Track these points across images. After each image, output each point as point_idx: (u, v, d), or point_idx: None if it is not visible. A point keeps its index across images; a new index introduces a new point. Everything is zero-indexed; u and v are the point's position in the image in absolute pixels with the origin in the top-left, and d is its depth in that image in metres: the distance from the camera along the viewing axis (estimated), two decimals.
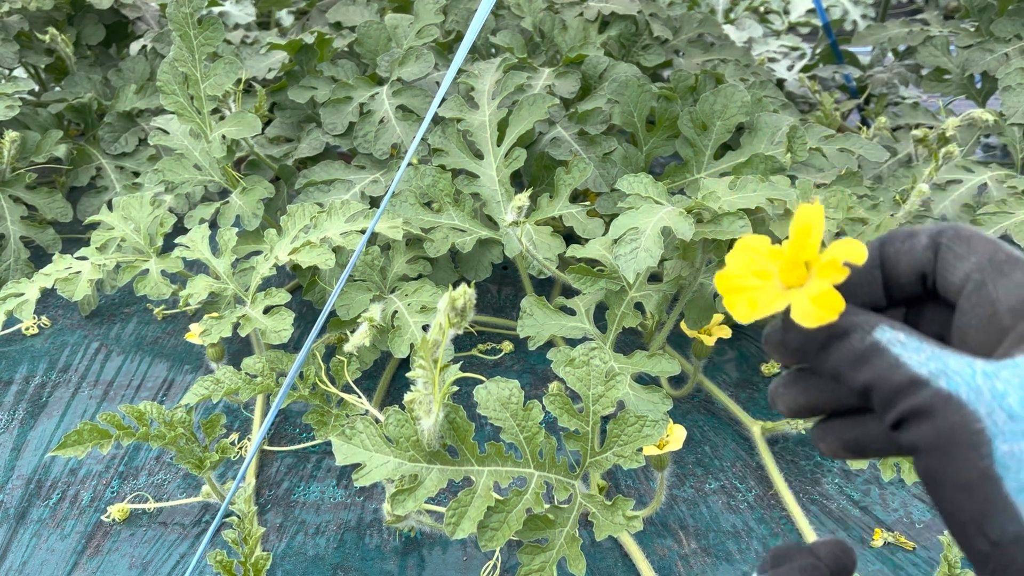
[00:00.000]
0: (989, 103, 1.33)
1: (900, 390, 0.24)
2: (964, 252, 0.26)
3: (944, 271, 0.27)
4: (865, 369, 0.25)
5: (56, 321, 1.17)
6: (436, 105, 0.69)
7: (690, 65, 1.28)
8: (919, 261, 0.27)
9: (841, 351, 0.25)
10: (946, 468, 0.22)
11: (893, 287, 0.28)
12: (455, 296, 0.57)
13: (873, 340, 0.25)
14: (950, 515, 0.23)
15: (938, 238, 0.27)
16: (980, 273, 0.26)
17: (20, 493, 0.89)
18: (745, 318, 0.27)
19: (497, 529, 0.61)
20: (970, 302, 0.26)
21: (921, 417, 0.23)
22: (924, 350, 0.24)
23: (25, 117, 1.29)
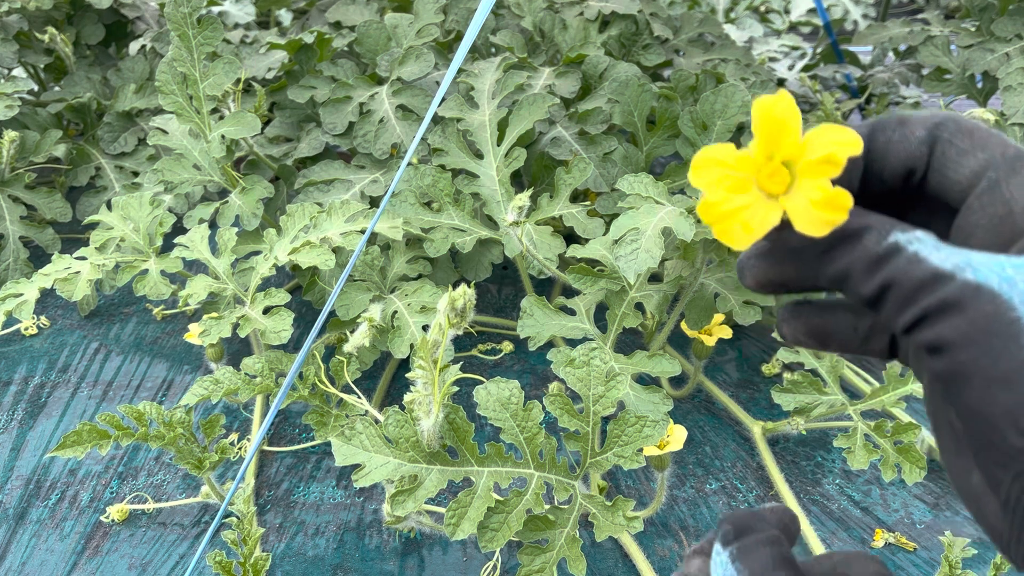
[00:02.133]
0: (990, 103, 1.33)
1: (923, 285, 0.22)
2: (968, 147, 0.24)
3: (944, 167, 0.25)
4: (881, 270, 0.23)
5: (55, 321, 1.16)
6: (436, 105, 0.69)
7: (690, 65, 1.28)
8: (911, 155, 0.25)
9: (853, 254, 0.23)
10: (979, 361, 0.21)
11: (874, 180, 0.26)
12: (455, 296, 0.56)
13: (891, 241, 0.23)
14: (977, 414, 0.21)
15: (936, 131, 0.25)
16: (994, 170, 0.24)
17: (19, 493, 0.88)
18: (743, 243, 0.24)
19: (497, 530, 0.61)
20: (980, 201, 0.24)
21: (949, 310, 0.21)
22: (943, 247, 0.22)
23: (24, 117, 1.29)
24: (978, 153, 0.24)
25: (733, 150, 0.25)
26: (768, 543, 0.25)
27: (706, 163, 0.25)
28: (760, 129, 0.25)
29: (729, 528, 0.26)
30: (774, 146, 0.24)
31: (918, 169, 0.25)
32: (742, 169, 0.25)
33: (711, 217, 0.25)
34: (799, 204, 0.23)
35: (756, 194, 0.25)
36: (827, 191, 0.23)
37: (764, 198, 0.24)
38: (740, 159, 0.25)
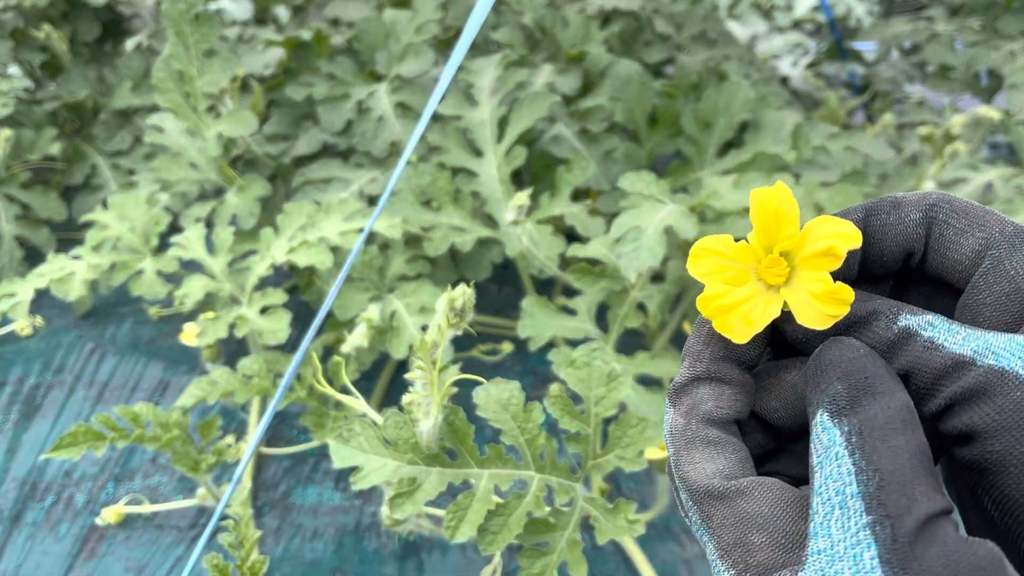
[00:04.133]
0: (995, 100, 1.32)
1: (944, 374, 0.21)
2: (965, 226, 0.24)
3: (943, 248, 0.24)
4: (897, 358, 0.22)
5: (50, 321, 1.15)
6: (435, 102, 0.68)
7: (693, 62, 1.27)
8: (909, 237, 0.25)
9: (864, 341, 0.23)
10: (1013, 450, 0.20)
11: (873, 263, 0.25)
12: (454, 296, 0.55)
13: (901, 326, 0.22)
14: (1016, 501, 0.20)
15: (932, 212, 0.24)
16: (996, 249, 0.23)
17: (14, 495, 0.88)
18: (744, 336, 0.24)
19: (497, 533, 0.60)
20: (986, 280, 0.24)
21: (975, 399, 0.21)
22: (958, 331, 0.22)
23: (19, 115, 1.28)
24: (976, 232, 0.24)
25: (731, 241, 0.25)
26: (903, 424, 0.20)
27: (704, 253, 0.25)
28: (758, 220, 0.24)
29: (840, 389, 0.21)
30: (772, 237, 0.24)
31: (916, 251, 0.25)
32: (741, 260, 0.25)
33: (711, 310, 0.24)
34: (800, 297, 0.23)
35: (756, 286, 0.24)
36: (828, 284, 0.23)
37: (764, 289, 0.24)
38: (739, 249, 0.25)
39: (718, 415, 0.24)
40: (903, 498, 0.19)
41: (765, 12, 1.88)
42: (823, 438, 0.21)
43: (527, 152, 0.98)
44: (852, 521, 0.19)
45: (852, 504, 0.19)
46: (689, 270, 0.25)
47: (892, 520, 0.19)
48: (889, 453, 0.20)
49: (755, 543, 0.21)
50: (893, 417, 0.20)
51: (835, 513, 0.20)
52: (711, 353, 0.25)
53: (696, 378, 0.25)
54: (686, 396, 0.25)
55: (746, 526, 0.22)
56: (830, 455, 0.21)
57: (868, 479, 0.19)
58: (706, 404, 0.24)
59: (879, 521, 0.19)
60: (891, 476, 0.19)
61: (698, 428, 0.24)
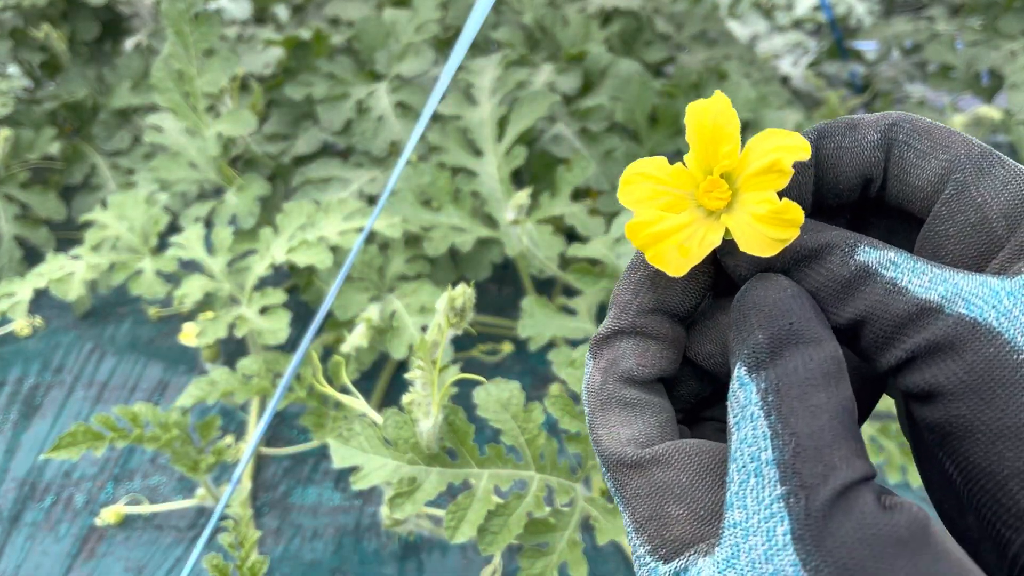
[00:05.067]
0: (996, 100, 1.32)
1: (906, 321, 0.19)
2: (927, 148, 0.21)
3: (903, 173, 0.22)
4: (853, 300, 0.19)
5: (49, 321, 1.15)
6: (435, 102, 0.68)
7: (693, 61, 1.27)
8: (866, 161, 0.22)
9: (815, 279, 0.20)
10: (982, 414, 0.18)
11: (827, 193, 0.23)
12: (454, 296, 0.55)
13: (859, 262, 0.20)
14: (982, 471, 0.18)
15: (891, 133, 0.22)
16: (960, 172, 0.21)
17: (13, 496, 0.87)
18: (680, 268, 0.21)
19: (497, 533, 0.60)
20: (949, 208, 0.21)
21: (941, 353, 0.18)
22: (925, 271, 0.19)
23: (18, 114, 1.28)
24: (940, 154, 0.21)
25: (666, 163, 0.22)
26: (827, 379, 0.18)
27: (636, 179, 0.22)
28: (695, 138, 0.22)
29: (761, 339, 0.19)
30: (712, 157, 0.21)
31: (875, 177, 0.22)
32: (677, 184, 0.22)
33: (641, 240, 0.21)
34: (743, 221, 0.20)
35: (694, 213, 0.21)
36: (774, 204, 0.20)
37: (703, 217, 0.21)
38: (674, 173, 0.22)
39: (639, 374, 0.22)
40: (820, 465, 0.17)
41: (766, 11, 1.87)
42: (739, 395, 0.19)
43: (527, 152, 0.98)
44: (766, 491, 0.17)
45: (767, 472, 0.18)
46: (619, 199, 0.22)
47: (807, 491, 0.17)
48: (807, 414, 0.18)
49: (672, 516, 0.20)
50: (815, 371, 0.18)
51: (750, 482, 0.18)
52: (639, 303, 0.22)
53: (620, 331, 0.22)
54: (607, 349, 0.22)
55: (662, 497, 0.20)
56: (746, 415, 0.18)
57: (784, 444, 0.17)
58: (627, 361, 0.22)
59: (793, 492, 0.17)
60: (808, 440, 0.17)
61: (615, 388, 0.22)
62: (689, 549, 0.19)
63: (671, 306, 0.22)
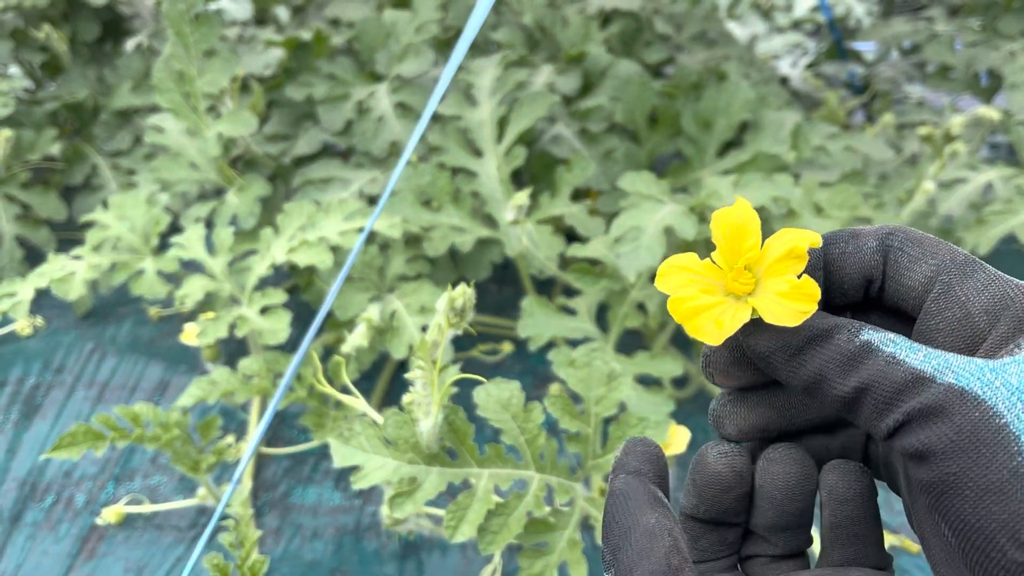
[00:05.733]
0: (995, 101, 1.32)
1: (903, 388, 0.21)
2: (919, 254, 0.25)
3: (898, 275, 0.25)
4: (857, 371, 0.22)
5: (50, 321, 1.15)
6: (435, 102, 0.68)
7: (693, 62, 1.27)
8: (867, 264, 0.25)
9: (825, 354, 0.23)
10: (970, 472, 0.20)
11: (835, 292, 0.26)
12: (454, 296, 0.56)
13: (863, 340, 0.23)
14: (971, 527, 0.20)
15: (887, 240, 0.25)
16: (946, 274, 0.24)
17: (14, 496, 0.88)
18: (717, 339, 0.24)
19: (497, 532, 0.60)
20: (937, 305, 0.24)
21: (933, 417, 0.21)
22: (919, 349, 0.22)
23: (20, 115, 1.28)
24: (929, 259, 0.25)
25: (697, 259, 0.26)
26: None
27: (671, 270, 0.26)
28: (722, 237, 0.25)
29: (606, 551, 0.25)
30: (736, 252, 0.25)
31: (875, 278, 0.26)
32: (708, 275, 0.25)
33: (681, 314, 0.24)
34: (767, 299, 0.24)
35: (723, 298, 0.25)
36: (793, 282, 0.23)
37: (732, 301, 0.25)
38: (706, 266, 0.26)
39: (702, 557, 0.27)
40: None
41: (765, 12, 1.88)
42: None
43: (527, 152, 0.98)
44: None
45: None
46: (657, 286, 0.26)
47: None
48: None
49: None
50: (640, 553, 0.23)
51: None
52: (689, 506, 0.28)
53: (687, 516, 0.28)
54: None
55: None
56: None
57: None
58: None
59: None
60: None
61: None
62: None
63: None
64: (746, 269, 0.25)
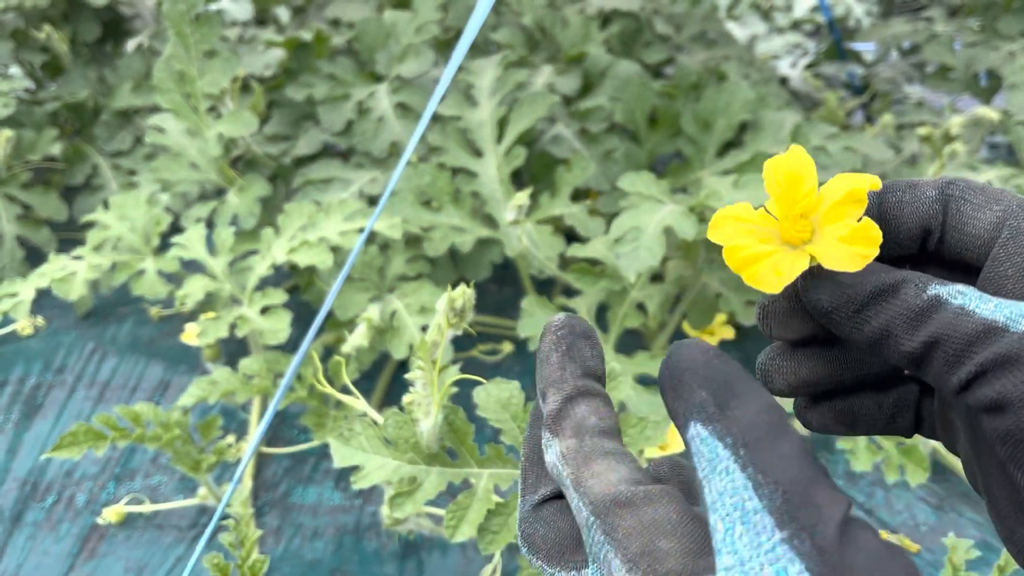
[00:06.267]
0: (994, 101, 1.32)
1: (975, 340, 0.21)
2: (982, 201, 0.24)
3: (961, 224, 0.24)
4: (926, 325, 0.21)
5: (51, 321, 1.16)
6: (435, 102, 0.68)
7: (692, 62, 1.27)
8: (926, 214, 0.24)
9: (892, 309, 0.22)
10: None
11: (891, 244, 0.25)
12: (454, 296, 0.56)
13: (932, 293, 0.22)
14: None
15: (948, 189, 0.24)
16: (1015, 219, 0.23)
17: (15, 495, 0.88)
18: (776, 287, 0.23)
19: (497, 532, 0.60)
20: (1007, 251, 0.23)
21: (1008, 366, 0.20)
22: (989, 299, 0.21)
23: (20, 115, 1.28)
24: (993, 206, 0.24)
25: (751, 208, 0.25)
26: (781, 427, 0.20)
27: (724, 221, 0.24)
28: (776, 185, 0.24)
29: (706, 396, 0.20)
30: (792, 200, 0.24)
31: (934, 229, 0.25)
32: (763, 224, 0.24)
33: (738, 262, 0.23)
34: (827, 244, 0.23)
35: (780, 247, 0.24)
36: (854, 225, 0.22)
37: (788, 250, 0.24)
38: (760, 215, 0.24)
39: (606, 426, 0.24)
40: (811, 507, 0.18)
41: (764, 13, 1.88)
42: (703, 451, 0.20)
43: (527, 152, 0.98)
44: (763, 537, 0.18)
45: (758, 520, 0.18)
46: (710, 236, 0.24)
47: (809, 531, 0.18)
48: (781, 463, 0.19)
49: (664, 550, 0.20)
50: (769, 420, 0.20)
51: (738, 529, 0.19)
52: (571, 373, 0.24)
53: (568, 398, 0.24)
54: (566, 420, 0.24)
55: (654, 533, 0.21)
56: (717, 469, 0.20)
57: (771, 493, 0.19)
58: (590, 420, 0.24)
59: (795, 535, 0.18)
60: (792, 486, 0.18)
61: (593, 443, 0.23)
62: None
63: (593, 369, 0.25)
64: (802, 217, 0.24)
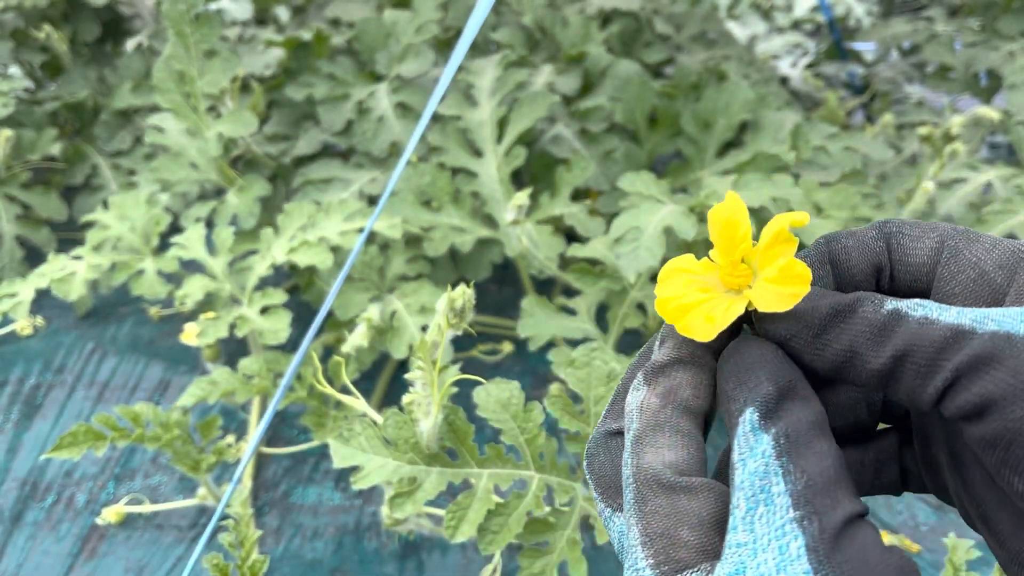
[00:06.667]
0: (994, 101, 1.32)
1: (944, 346, 0.20)
2: (919, 232, 0.25)
3: (903, 255, 0.25)
4: (891, 339, 0.21)
5: (51, 321, 1.16)
6: (435, 102, 0.68)
7: (692, 62, 1.27)
8: (872, 252, 0.25)
9: (852, 328, 0.22)
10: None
11: (848, 287, 0.26)
12: (454, 296, 0.56)
13: (890, 308, 0.21)
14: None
15: (885, 228, 0.26)
16: (951, 240, 0.24)
17: (15, 495, 0.88)
18: (708, 335, 0.23)
19: (497, 532, 0.60)
20: (949, 270, 0.24)
21: (984, 366, 0.20)
22: (948, 308, 0.21)
23: (20, 115, 1.28)
24: (930, 233, 0.25)
25: (695, 259, 0.26)
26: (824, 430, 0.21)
27: (671, 274, 0.25)
28: (716, 233, 0.25)
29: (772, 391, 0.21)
30: (731, 247, 0.25)
31: (883, 265, 0.25)
32: (706, 273, 0.25)
33: (670, 313, 0.24)
34: (760, 287, 0.23)
35: (720, 293, 0.25)
36: (782, 265, 0.23)
37: (729, 295, 0.24)
38: (704, 265, 0.25)
39: (695, 405, 0.24)
40: (828, 498, 0.19)
41: (765, 12, 1.88)
42: (750, 437, 0.21)
43: (527, 152, 0.98)
44: (778, 516, 0.20)
45: (778, 501, 0.20)
46: (657, 294, 0.25)
47: (819, 515, 0.19)
48: (814, 457, 0.20)
49: (683, 539, 0.21)
50: (815, 423, 0.21)
51: (759, 509, 0.20)
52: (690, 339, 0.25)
53: (678, 360, 0.24)
54: (663, 378, 0.24)
55: (680, 521, 0.22)
56: (756, 453, 0.21)
57: (796, 479, 0.20)
58: (684, 391, 0.24)
59: (807, 516, 0.19)
60: (817, 478, 0.20)
61: (672, 414, 0.23)
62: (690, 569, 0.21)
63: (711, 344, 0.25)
64: (743, 263, 0.24)
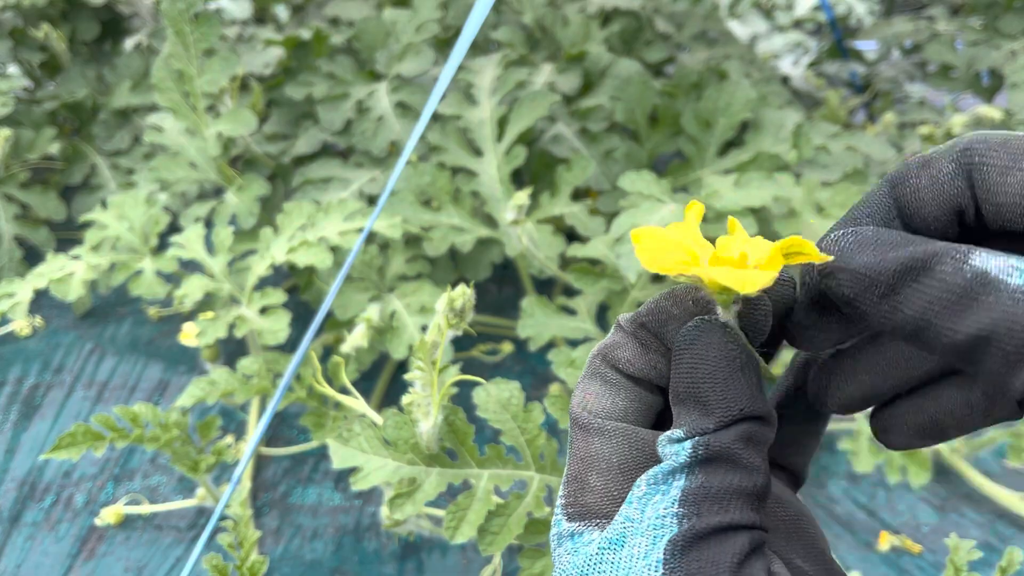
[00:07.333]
0: (996, 100, 1.32)
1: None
2: (1009, 162, 0.20)
3: (991, 194, 0.20)
4: (974, 311, 0.17)
5: (50, 321, 1.15)
6: (435, 101, 0.68)
7: (693, 61, 1.27)
8: (949, 194, 0.20)
9: (927, 291, 0.18)
10: None
11: (920, 230, 0.21)
12: (454, 296, 0.55)
13: (975, 268, 0.17)
14: None
15: (966, 158, 0.20)
16: None
17: (14, 496, 0.87)
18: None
19: (497, 533, 0.60)
20: None
21: None
22: None
23: (18, 114, 1.28)
24: (1022, 163, 0.20)
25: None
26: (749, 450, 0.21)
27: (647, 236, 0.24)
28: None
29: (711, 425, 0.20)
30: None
31: (965, 206, 0.21)
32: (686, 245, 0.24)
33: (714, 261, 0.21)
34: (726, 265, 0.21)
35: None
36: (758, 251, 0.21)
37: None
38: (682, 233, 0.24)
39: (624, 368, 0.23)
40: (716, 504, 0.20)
41: (766, 11, 1.87)
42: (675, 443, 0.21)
43: (527, 152, 0.98)
44: (663, 506, 0.20)
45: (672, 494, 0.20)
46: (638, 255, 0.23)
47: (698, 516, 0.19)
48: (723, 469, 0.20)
49: (590, 484, 0.22)
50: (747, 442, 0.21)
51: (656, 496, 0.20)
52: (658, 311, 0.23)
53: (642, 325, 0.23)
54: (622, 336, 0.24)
55: (590, 464, 0.22)
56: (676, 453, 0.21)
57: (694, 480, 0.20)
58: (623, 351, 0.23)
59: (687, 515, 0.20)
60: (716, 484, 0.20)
61: (602, 365, 0.24)
62: (590, 518, 0.21)
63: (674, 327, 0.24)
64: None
